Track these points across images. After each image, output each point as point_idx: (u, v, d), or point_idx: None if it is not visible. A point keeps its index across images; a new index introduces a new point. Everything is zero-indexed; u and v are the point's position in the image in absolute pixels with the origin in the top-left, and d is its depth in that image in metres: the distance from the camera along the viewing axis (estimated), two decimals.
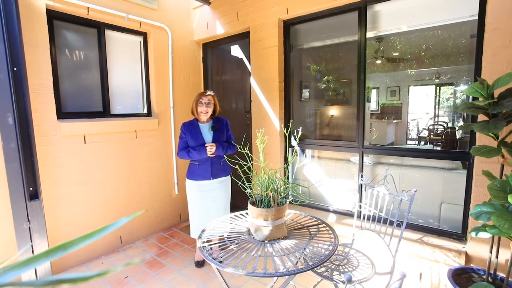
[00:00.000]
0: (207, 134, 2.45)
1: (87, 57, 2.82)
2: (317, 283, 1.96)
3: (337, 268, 1.70)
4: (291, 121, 3.02)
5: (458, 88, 6.53)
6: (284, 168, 2.98)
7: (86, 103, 2.83)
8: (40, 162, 2.30)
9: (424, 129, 7.46)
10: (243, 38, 3.32)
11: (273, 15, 2.88)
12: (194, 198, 2.48)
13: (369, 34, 2.76)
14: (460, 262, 2.02)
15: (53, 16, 2.51)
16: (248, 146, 1.82)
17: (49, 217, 2.43)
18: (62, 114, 2.61)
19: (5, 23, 1.94)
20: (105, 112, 2.92)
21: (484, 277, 1.78)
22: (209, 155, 2.36)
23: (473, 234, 1.65)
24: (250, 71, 3.21)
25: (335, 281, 1.54)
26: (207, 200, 2.46)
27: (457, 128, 5.46)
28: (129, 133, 3.04)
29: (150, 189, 3.27)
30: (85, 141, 2.68)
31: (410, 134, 7.83)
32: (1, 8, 1.92)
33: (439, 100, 7.86)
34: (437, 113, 7.89)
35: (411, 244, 2.19)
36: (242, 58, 3.59)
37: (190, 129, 2.44)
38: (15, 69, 1.98)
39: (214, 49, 3.79)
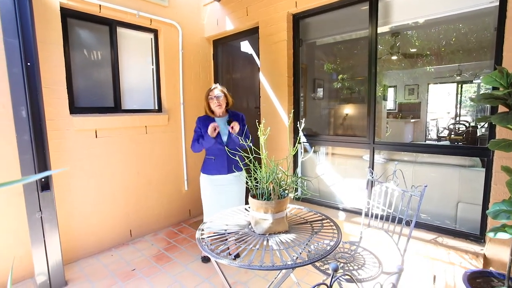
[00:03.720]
0: (223, 127, 2.43)
1: (99, 54, 2.89)
2: (323, 281, 1.90)
3: (343, 266, 1.64)
4: (293, 111, 2.96)
5: (482, 85, 6.19)
6: (287, 160, 2.93)
7: (98, 98, 2.90)
8: (52, 155, 2.37)
9: (445, 128, 7.13)
10: (252, 33, 3.29)
11: (282, 9, 2.84)
12: (208, 192, 2.48)
13: (384, 29, 2.66)
14: (477, 265, 1.89)
15: (66, 14, 2.59)
16: (250, 139, 1.79)
17: (61, 208, 2.50)
18: (75, 109, 2.68)
19: (19, 20, 2.02)
20: (116, 107, 2.99)
21: (504, 282, 1.66)
22: (210, 134, 2.28)
23: (491, 234, 1.54)
24: (259, 66, 3.18)
25: (339, 279, 1.48)
26: (222, 195, 2.45)
27: (479, 126, 5.17)
28: (140, 129, 3.08)
29: (159, 184, 3.31)
30: (96, 136, 2.75)
31: (429, 134, 7.51)
32: (15, 6, 2.00)
33: (460, 98, 7.49)
34: (458, 112, 7.52)
35: (424, 245, 2.07)
36: (251, 54, 3.58)
37: (206, 123, 2.41)
38: (28, 64, 2.06)
39: (224, 46, 3.79)
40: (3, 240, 2.24)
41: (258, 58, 3.19)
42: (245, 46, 3.75)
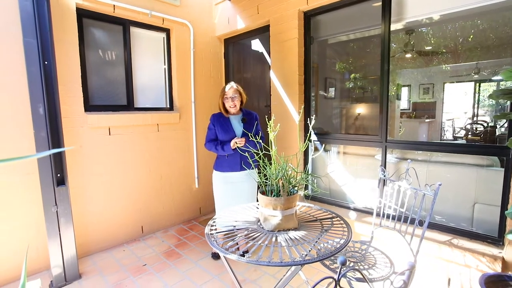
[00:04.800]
0: (237, 125, 2.44)
1: (113, 53, 2.95)
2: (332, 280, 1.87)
3: (353, 266, 1.61)
4: (303, 107, 2.94)
5: (502, 83, 5.96)
6: (297, 157, 2.90)
7: (112, 96, 2.96)
8: (67, 151, 2.44)
9: (461, 128, 6.90)
10: (263, 32, 3.29)
11: (293, 7, 2.82)
12: (220, 189, 2.49)
13: (397, 26, 2.60)
14: (495, 268, 1.82)
15: (82, 14, 2.66)
16: (260, 135, 1.79)
17: (75, 203, 2.57)
18: (89, 107, 2.75)
19: (38, 21, 2.09)
20: (129, 105, 3.04)
21: None
22: (232, 148, 2.34)
23: (510, 236, 1.48)
24: (270, 65, 3.18)
25: (349, 278, 1.46)
26: (233, 192, 2.46)
27: (498, 126, 4.98)
28: (152, 126, 3.13)
29: (170, 182, 3.35)
30: (109, 133, 2.81)
31: (445, 134, 7.29)
32: (34, 7, 2.07)
33: (478, 98, 7.23)
34: (476, 112, 7.27)
35: (438, 246, 2.01)
36: (262, 53, 3.57)
37: (220, 120, 2.43)
38: (45, 63, 2.12)
39: (235, 45, 3.80)
40: (23, 233, 2.32)
41: (269, 56, 3.18)
42: (256, 45, 3.75)
